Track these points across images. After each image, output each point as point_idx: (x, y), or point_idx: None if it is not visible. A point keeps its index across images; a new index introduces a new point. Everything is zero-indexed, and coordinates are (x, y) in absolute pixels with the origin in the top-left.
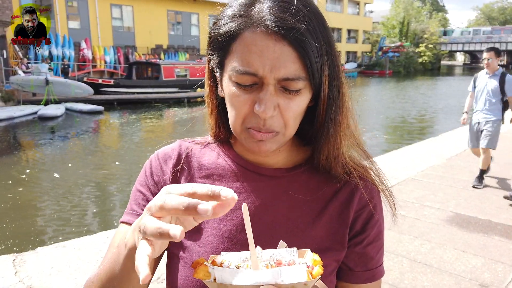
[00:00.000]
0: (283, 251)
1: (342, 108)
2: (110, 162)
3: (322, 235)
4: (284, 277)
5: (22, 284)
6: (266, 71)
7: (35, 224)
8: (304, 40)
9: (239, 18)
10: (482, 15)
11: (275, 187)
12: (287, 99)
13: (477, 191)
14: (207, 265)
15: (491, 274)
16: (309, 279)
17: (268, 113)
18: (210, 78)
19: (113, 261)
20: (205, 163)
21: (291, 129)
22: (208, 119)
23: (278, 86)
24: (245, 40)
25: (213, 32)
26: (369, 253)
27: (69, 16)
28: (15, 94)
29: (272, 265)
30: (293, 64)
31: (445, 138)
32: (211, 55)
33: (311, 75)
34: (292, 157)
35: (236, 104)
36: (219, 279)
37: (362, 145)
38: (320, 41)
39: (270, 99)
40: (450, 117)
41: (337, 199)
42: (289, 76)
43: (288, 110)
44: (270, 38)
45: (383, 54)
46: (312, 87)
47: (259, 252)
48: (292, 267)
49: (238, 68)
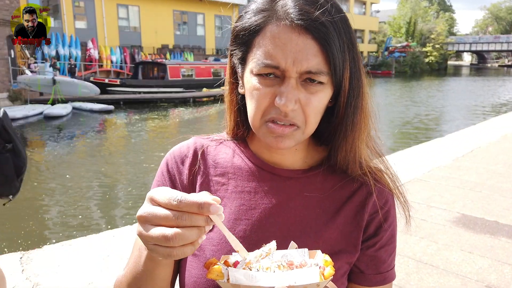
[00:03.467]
0: (294, 252)
1: (362, 108)
2: (116, 161)
3: (336, 237)
4: (297, 279)
5: (29, 282)
6: (288, 64)
7: (42, 223)
8: (327, 33)
9: (263, 12)
10: (490, 15)
11: (291, 188)
12: (309, 93)
13: (484, 192)
14: (220, 265)
15: (498, 275)
16: (321, 280)
17: (289, 106)
18: (231, 75)
19: (136, 262)
20: (220, 161)
21: (311, 126)
22: (226, 117)
23: (300, 81)
24: (269, 34)
25: (237, 26)
26: (381, 256)
27: (76, 16)
28: (23, 93)
29: (284, 266)
30: (316, 58)
31: (452, 138)
32: (233, 50)
33: (333, 70)
34: (308, 158)
35: (257, 97)
36: (233, 279)
37: (378, 147)
38: (342, 37)
39: (292, 92)
40: (457, 117)
41: (351, 202)
42: (312, 69)
43: (309, 105)
44: (294, 31)
45: (389, 54)
46: (333, 83)
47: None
48: (304, 269)
49: (260, 61)
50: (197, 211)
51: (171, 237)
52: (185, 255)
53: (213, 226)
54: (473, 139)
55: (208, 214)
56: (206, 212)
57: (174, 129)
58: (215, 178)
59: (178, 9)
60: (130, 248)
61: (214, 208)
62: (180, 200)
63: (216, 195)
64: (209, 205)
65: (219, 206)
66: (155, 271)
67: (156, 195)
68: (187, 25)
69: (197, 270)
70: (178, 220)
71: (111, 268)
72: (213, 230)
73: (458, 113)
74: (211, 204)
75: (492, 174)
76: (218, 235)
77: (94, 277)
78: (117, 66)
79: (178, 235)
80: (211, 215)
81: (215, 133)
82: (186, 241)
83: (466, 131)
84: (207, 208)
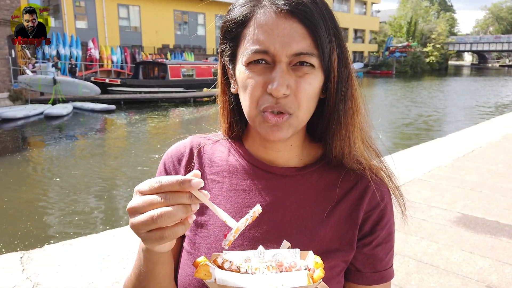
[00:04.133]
0: (285, 252)
1: (352, 94)
2: (116, 160)
3: (331, 236)
4: (285, 281)
5: (29, 282)
6: (277, 48)
7: (43, 222)
8: (313, 16)
9: (249, 3)
10: (491, 15)
11: (285, 186)
12: (299, 77)
13: (484, 192)
14: (208, 265)
15: (498, 275)
16: (309, 283)
17: (281, 90)
18: (222, 76)
19: (138, 264)
20: (216, 160)
21: (304, 111)
22: (220, 118)
23: (291, 66)
24: (256, 22)
25: (226, 20)
26: (377, 254)
27: (77, 16)
28: (23, 93)
29: (273, 267)
30: (304, 40)
31: (453, 138)
32: (223, 48)
33: (322, 53)
34: (304, 155)
35: (250, 87)
36: (220, 280)
37: (373, 144)
38: (328, 22)
39: (283, 76)
40: (458, 117)
41: (347, 200)
42: (302, 50)
43: (301, 90)
44: (280, 16)
45: (390, 54)
46: (323, 68)
47: (262, 252)
48: (293, 272)
49: (250, 49)
50: (179, 189)
51: (158, 216)
52: (177, 235)
53: (207, 224)
54: (474, 139)
55: (190, 190)
56: (188, 187)
57: (174, 129)
58: (210, 176)
59: (179, 9)
60: (131, 247)
61: (195, 183)
62: (161, 182)
63: (211, 194)
64: (189, 181)
65: (199, 180)
66: (155, 270)
67: (140, 186)
68: (187, 25)
69: (192, 268)
70: (163, 201)
71: (111, 267)
72: (207, 228)
73: (459, 113)
74: (190, 179)
75: (493, 174)
76: (213, 233)
77: (94, 276)
78: (117, 66)
79: (164, 213)
80: (193, 191)
81: (213, 132)
82: (173, 217)
83: (467, 131)
84: (188, 184)
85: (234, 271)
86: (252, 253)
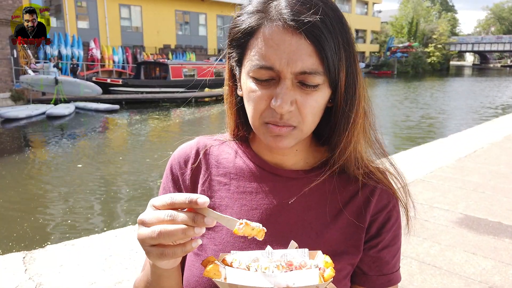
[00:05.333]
0: (294, 252)
1: (359, 106)
2: (118, 161)
3: (338, 238)
4: (296, 280)
5: (32, 282)
6: (282, 64)
7: (45, 222)
8: (320, 34)
9: (257, 14)
10: (492, 15)
11: (292, 189)
12: (305, 94)
13: (487, 193)
14: (218, 264)
15: (501, 277)
16: (320, 281)
17: (284, 108)
18: (230, 77)
19: (147, 271)
20: (222, 162)
21: (308, 125)
22: (227, 119)
23: (296, 81)
24: (262, 35)
25: (232, 28)
26: (383, 257)
27: (78, 16)
28: (25, 93)
29: (283, 266)
30: (310, 58)
31: (455, 139)
32: (230, 53)
33: (328, 70)
34: (310, 158)
35: (254, 100)
36: (230, 279)
37: (381, 144)
38: (337, 36)
39: (287, 93)
40: (460, 118)
41: (354, 203)
42: (306, 69)
43: (306, 106)
44: (287, 32)
45: (391, 54)
46: (330, 84)
47: (270, 252)
48: (304, 270)
49: (255, 63)
50: (188, 206)
51: (158, 233)
52: (175, 256)
53: (216, 226)
54: (476, 140)
55: (197, 207)
56: (195, 204)
57: (176, 129)
58: (217, 178)
59: (180, 9)
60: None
61: (201, 200)
62: (173, 199)
63: (217, 195)
64: (196, 198)
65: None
66: (159, 282)
67: (154, 200)
68: (189, 25)
69: (199, 269)
70: (169, 219)
71: (114, 268)
72: (215, 230)
73: (461, 114)
74: (198, 197)
75: (495, 175)
76: (220, 235)
77: (96, 277)
78: (119, 66)
79: (164, 231)
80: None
81: (219, 133)
82: (172, 237)
83: (469, 131)
84: (195, 201)
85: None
86: (260, 253)
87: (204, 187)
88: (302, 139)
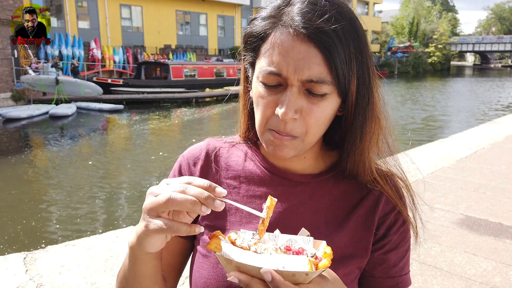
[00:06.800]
0: (299, 238)
1: (371, 117)
2: (119, 161)
3: (346, 242)
4: (286, 264)
5: (33, 282)
6: (290, 71)
7: (46, 223)
8: (330, 42)
9: (270, 19)
10: (493, 15)
11: (301, 193)
12: (311, 103)
13: (487, 193)
14: (221, 239)
15: (502, 278)
16: (311, 269)
17: (288, 115)
18: (244, 79)
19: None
20: (232, 164)
21: (312, 136)
22: (240, 119)
23: (303, 89)
24: (273, 41)
25: (246, 32)
26: (390, 259)
27: (79, 16)
28: (26, 93)
29: (281, 250)
30: (318, 66)
31: (455, 139)
32: (244, 55)
33: (337, 79)
34: (319, 163)
35: (261, 105)
36: (226, 254)
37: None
38: (348, 45)
39: (292, 100)
40: (460, 118)
41: (362, 206)
42: (313, 78)
43: (311, 116)
44: (297, 39)
45: (392, 55)
46: (339, 93)
47: (276, 235)
48: (295, 256)
49: (264, 68)
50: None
51: (166, 199)
52: (178, 232)
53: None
54: (477, 140)
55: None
56: (212, 191)
57: (177, 130)
58: (227, 181)
59: (181, 9)
60: None
61: (219, 189)
62: (192, 179)
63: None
64: (215, 186)
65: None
66: (136, 267)
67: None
68: (189, 25)
69: (207, 271)
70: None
71: (115, 268)
72: (224, 232)
73: (462, 114)
74: (217, 186)
75: (496, 175)
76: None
77: (97, 277)
78: (119, 66)
79: (172, 197)
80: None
81: (229, 135)
82: (180, 205)
83: (470, 132)
84: (213, 188)
85: (244, 248)
86: (267, 235)
87: None
88: (303, 152)
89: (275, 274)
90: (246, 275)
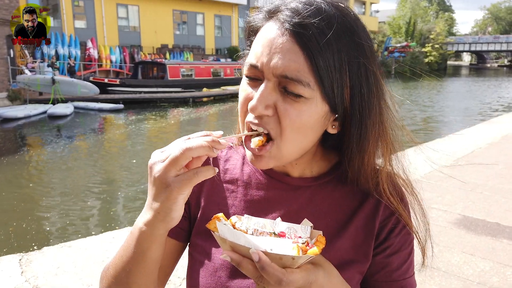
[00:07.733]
0: (298, 226)
1: (374, 133)
2: (116, 161)
3: (347, 247)
4: (274, 247)
5: (28, 284)
6: (265, 64)
7: (41, 224)
8: (314, 42)
9: (263, 13)
10: (490, 15)
11: (300, 197)
12: (286, 103)
13: (485, 193)
14: (221, 220)
15: (499, 278)
16: (298, 254)
17: (258, 108)
18: None
19: (126, 246)
20: (230, 168)
21: (289, 142)
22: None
23: (280, 86)
24: (261, 33)
25: (245, 25)
26: (392, 263)
27: (76, 15)
28: (22, 93)
29: (275, 234)
30: (295, 64)
31: (452, 139)
32: (245, 49)
33: (321, 84)
34: (318, 166)
35: (240, 100)
36: (222, 234)
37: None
38: (340, 51)
39: (264, 95)
40: (457, 118)
41: (362, 210)
42: (288, 74)
43: (286, 116)
44: (280, 33)
45: (388, 54)
46: (326, 101)
47: (276, 222)
48: (283, 240)
49: (247, 60)
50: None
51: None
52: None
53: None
54: (474, 140)
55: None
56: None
57: (174, 129)
58: (224, 184)
59: (178, 8)
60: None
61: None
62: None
63: (224, 202)
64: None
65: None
66: (148, 251)
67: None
68: (186, 24)
69: (206, 278)
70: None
71: None
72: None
73: (458, 114)
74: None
75: (493, 175)
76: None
77: (93, 279)
78: (116, 66)
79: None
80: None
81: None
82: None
83: (466, 131)
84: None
85: (242, 231)
86: (269, 221)
87: (210, 193)
88: (287, 159)
89: (262, 255)
90: (238, 254)
